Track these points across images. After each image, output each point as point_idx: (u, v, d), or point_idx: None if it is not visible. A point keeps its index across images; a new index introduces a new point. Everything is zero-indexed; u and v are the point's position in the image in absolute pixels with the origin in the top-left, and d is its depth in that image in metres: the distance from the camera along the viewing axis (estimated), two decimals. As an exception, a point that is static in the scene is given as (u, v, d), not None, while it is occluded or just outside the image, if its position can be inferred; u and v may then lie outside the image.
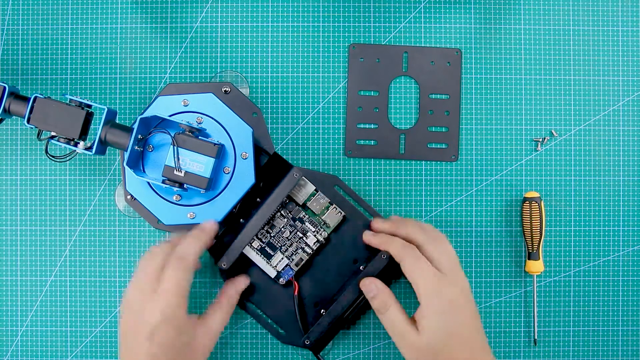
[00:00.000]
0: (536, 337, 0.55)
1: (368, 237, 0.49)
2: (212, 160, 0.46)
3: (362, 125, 0.54)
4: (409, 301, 0.55)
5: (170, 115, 0.48)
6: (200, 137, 0.47)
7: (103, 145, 0.47)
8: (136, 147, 0.47)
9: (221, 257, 0.49)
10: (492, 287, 0.55)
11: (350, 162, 0.55)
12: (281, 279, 0.51)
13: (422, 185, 0.55)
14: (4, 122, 0.54)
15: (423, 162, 0.55)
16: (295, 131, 0.55)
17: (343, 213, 0.51)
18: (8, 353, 0.55)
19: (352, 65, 0.52)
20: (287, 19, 0.55)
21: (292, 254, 0.51)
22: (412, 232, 0.47)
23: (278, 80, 0.55)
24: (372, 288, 0.47)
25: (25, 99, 0.46)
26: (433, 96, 0.53)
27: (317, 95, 0.55)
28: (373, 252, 0.50)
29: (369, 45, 0.53)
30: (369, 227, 0.50)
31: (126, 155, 0.46)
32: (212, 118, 0.49)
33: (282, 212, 0.51)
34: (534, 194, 0.54)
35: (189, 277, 0.44)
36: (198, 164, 0.46)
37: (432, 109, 0.53)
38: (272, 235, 0.51)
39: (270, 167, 0.51)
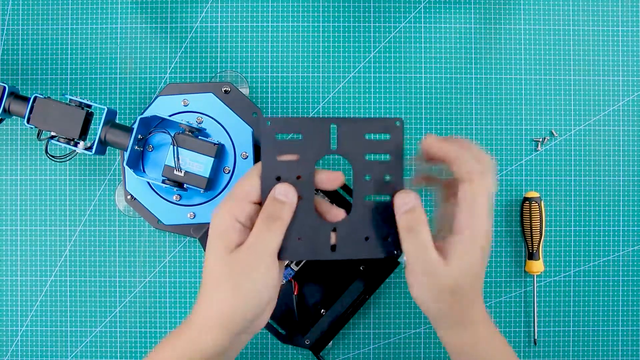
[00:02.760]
0: (536, 337, 0.55)
1: (432, 142, 0.40)
2: (212, 160, 0.46)
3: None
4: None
5: (170, 115, 0.48)
6: (200, 137, 0.47)
7: (103, 145, 0.47)
8: (136, 147, 0.47)
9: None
10: (492, 287, 0.55)
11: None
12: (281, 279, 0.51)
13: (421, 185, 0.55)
14: (4, 122, 0.54)
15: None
16: (295, 131, 0.55)
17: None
18: (8, 353, 0.55)
19: (266, 144, 0.38)
20: (287, 19, 0.55)
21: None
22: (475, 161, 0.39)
23: (278, 80, 0.55)
24: (411, 199, 0.38)
25: (25, 99, 0.46)
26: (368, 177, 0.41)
27: (317, 95, 0.55)
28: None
29: (286, 118, 0.42)
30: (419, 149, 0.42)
31: (126, 155, 0.46)
32: (212, 118, 0.49)
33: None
34: (534, 194, 0.54)
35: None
36: (198, 163, 0.46)
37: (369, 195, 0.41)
38: (272, 235, 0.51)
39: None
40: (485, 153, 0.40)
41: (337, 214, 0.39)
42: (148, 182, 0.49)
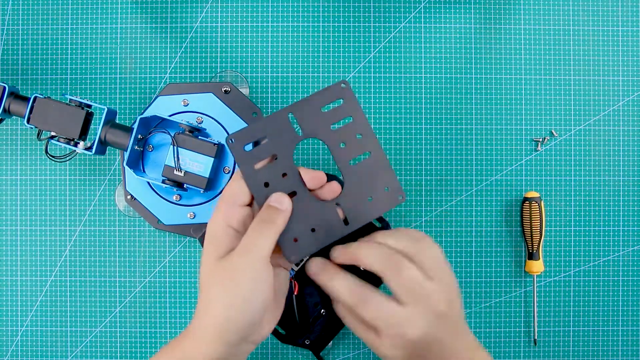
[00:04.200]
0: (536, 337, 0.55)
1: (337, 255, 0.39)
2: (212, 160, 0.46)
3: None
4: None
5: (170, 115, 0.48)
6: (200, 137, 0.47)
7: (103, 145, 0.47)
8: (136, 147, 0.47)
9: None
10: (492, 287, 0.55)
11: (350, 162, 0.55)
12: (281, 279, 0.51)
13: (422, 185, 0.55)
14: (4, 122, 0.54)
15: (423, 161, 0.55)
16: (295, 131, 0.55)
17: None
18: (8, 353, 0.55)
19: (239, 159, 0.38)
20: (287, 19, 0.55)
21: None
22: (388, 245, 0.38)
23: (278, 80, 0.55)
24: (341, 286, 0.38)
25: (25, 99, 0.46)
26: (342, 145, 0.41)
27: (317, 95, 0.55)
28: None
29: (245, 128, 0.39)
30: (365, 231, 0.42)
31: (126, 155, 0.46)
32: (212, 118, 0.49)
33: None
34: (534, 194, 0.54)
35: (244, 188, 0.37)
36: (198, 163, 0.46)
37: (352, 159, 0.41)
38: (272, 235, 0.51)
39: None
40: (383, 235, 0.39)
41: (333, 189, 0.39)
42: (148, 182, 0.49)
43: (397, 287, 0.37)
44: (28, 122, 0.45)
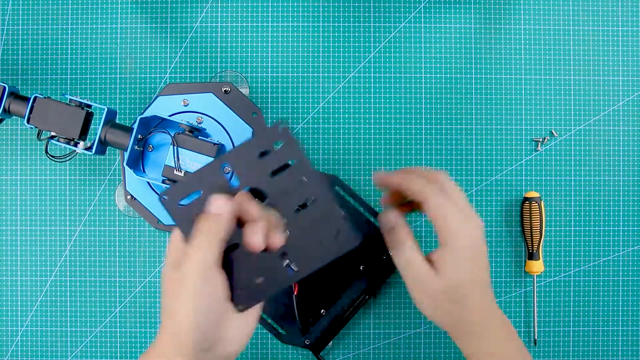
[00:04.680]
0: (536, 337, 0.55)
1: (381, 176, 0.42)
2: (212, 160, 0.46)
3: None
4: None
5: (170, 115, 0.48)
6: (200, 137, 0.47)
7: (103, 145, 0.47)
8: (136, 147, 0.47)
9: None
10: (492, 287, 0.55)
11: (350, 162, 0.55)
12: (281, 279, 0.51)
13: (422, 185, 0.55)
14: (4, 122, 0.54)
15: (423, 161, 0.55)
16: (295, 131, 0.55)
17: (343, 213, 0.51)
18: (8, 353, 0.55)
19: (174, 216, 0.37)
20: (287, 19, 0.55)
21: (292, 254, 0.51)
22: (424, 182, 0.41)
23: (278, 80, 0.55)
24: (390, 219, 0.41)
25: (25, 99, 0.46)
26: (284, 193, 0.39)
27: (317, 95, 0.55)
28: (374, 252, 0.50)
29: (177, 183, 0.37)
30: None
31: (126, 155, 0.46)
32: (212, 118, 0.49)
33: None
34: (534, 194, 0.54)
35: (221, 227, 0.36)
36: (198, 163, 0.46)
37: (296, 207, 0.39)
38: (272, 235, 0.51)
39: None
40: (431, 170, 0.42)
41: (276, 241, 0.37)
42: (148, 182, 0.49)
43: (435, 210, 0.39)
44: (28, 122, 0.45)
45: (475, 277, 0.40)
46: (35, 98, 0.45)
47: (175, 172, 0.46)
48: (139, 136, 0.46)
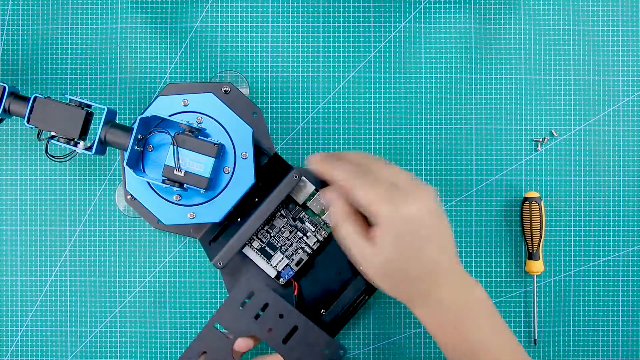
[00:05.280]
0: (536, 337, 0.55)
1: (312, 165, 0.44)
2: (212, 160, 0.46)
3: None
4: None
5: (170, 115, 0.48)
6: (200, 137, 0.47)
7: (103, 145, 0.47)
8: (136, 147, 0.47)
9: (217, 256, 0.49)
10: (492, 287, 0.55)
11: (350, 162, 0.55)
12: (281, 279, 0.51)
13: (422, 185, 0.55)
14: (4, 122, 0.54)
15: (423, 161, 0.55)
16: (295, 131, 0.55)
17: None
18: (8, 353, 0.55)
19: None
20: (287, 19, 0.55)
21: (292, 253, 0.51)
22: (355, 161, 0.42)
23: (278, 80, 0.55)
24: (327, 197, 0.43)
25: (25, 99, 0.46)
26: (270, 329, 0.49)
27: (317, 95, 0.55)
28: None
29: (183, 356, 0.49)
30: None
31: (126, 155, 0.46)
32: (212, 118, 0.49)
33: (282, 212, 0.51)
34: (534, 194, 0.54)
35: None
36: (198, 163, 0.46)
37: (283, 338, 0.49)
38: (272, 235, 0.51)
39: (270, 168, 0.51)
40: (355, 152, 0.44)
41: None
42: (148, 182, 0.49)
43: (360, 198, 0.40)
44: (28, 122, 0.45)
45: (414, 253, 0.40)
46: (35, 98, 0.45)
47: (175, 172, 0.46)
48: (139, 136, 0.46)
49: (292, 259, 0.51)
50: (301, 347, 0.46)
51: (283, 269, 0.51)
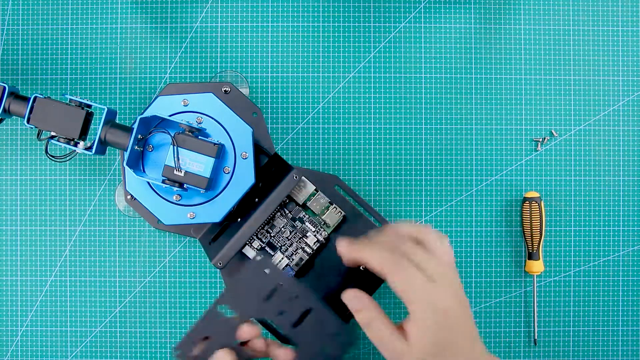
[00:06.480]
0: (536, 337, 0.55)
1: (343, 250, 0.43)
2: (212, 160, 0.46)
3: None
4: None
5: (170, 115, 0.48)
6: (200, 137, 0.47)
7: (103, 145, 0.47)
8: (136, 147, 0.47)
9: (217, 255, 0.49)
10: (492, 287, 0.55)
11: (350, 162, 0.55)
12: (281, 279, 0.51)
13: (422, 185, 0.55)
14: (4, 122, 0.54)
15: (423, 161, 0.55)
16: (295, 131, 0.55)
17: (343, 213, 0.51)
18: (8, 353, 0.55)
19: None
20: (287, 19, 0.55)
21: (292, 253, 0.51)
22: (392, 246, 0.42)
23: (278, 80, 0.55)
24: (355, 302, 0.42)
25: (25, 99, 0.46)
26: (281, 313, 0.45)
27: (317, 95, 0.55)
28: None
29: (186, 338, 0.45)
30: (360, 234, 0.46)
31: (126, 155, 0.46)
32: (212, 118, 0.49)
33: (282, 212, 0.51)
34: (534, 194, 0.54)
35: None
36: (198, 163, 0.46)
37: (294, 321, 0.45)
38: (272, 235, 0.51)
39: (270, 168, 0.51)
40: (405, 227, 0.43)
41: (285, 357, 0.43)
42: (148, 182, 0.49)
43: (396, 285, 0.40)
44: (28, 122, 0.45)
45: (449, 343, 0.40)
46: (35, 98, 0.45)
47: (175, 172, 0.46)
48: (139, 136, 0.46)
49: (292, 259, 0.51)
50: (313, 331, 0.44)
51: (283, 269, 0.51)
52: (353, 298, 0.43)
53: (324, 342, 0.43)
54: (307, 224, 0.51)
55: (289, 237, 0.51)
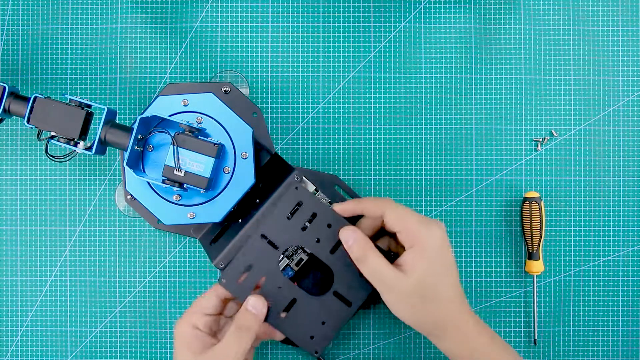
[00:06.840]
0: (536, 337, 0.55)
1: (340, 207, 0.47)
2: (212, 160, 0.46)
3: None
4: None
5: (170, 115, 0.48)
6: (200, 137, 0.47)
7: (103, 145, 0.47)
8: (136, 147, 0.47)
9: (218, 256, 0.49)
10: (492, 287, 0.55)
11: (350, 162, 0.55)
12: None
13: (422, 185, 0.55)
14: (4, 122, 0.54)
15: (423, 161, 0.55)
16: (295, 131, 0.55)
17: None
18: (8, 353, 0.55)
19: (232, 290, 0.47)
20: (287, 19, 0.55)
21: (292, 254, 0.51)
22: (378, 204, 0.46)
23: (278, 80, 0.55)
24: (349, 236, 0.45)
25: (25, 99, 0.46)
26: (318, 240, 0.48)
27: (317, 95, 0.55)
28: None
29: (231, 267, 0.48)
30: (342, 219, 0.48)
31: (126, 155, 0.46)
32: (212, 118, 0.49)
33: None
34: (534, 194, 0.54)
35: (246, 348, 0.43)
36: (198, 163, 0.46)
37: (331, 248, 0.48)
38: (272, 235, 0.51)
39: (271, 168, 0.51)
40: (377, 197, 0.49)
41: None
42: (148, 182, 0.49)
43: (394, 221, 0.44)
44: (28, 122, 0.45)
45: (443, 276, 0.43)
46: (35, 98, 0.45)
47: (175, 172, 0.46)
48: (139, 136, 0.46)
49: (292, 259, 0.51)
50: (347, 259, 0.46)
51: (283, 269, 0.51)
52: (350, 234, 0.45)
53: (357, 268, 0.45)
54: (307, 223, 0.51)
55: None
